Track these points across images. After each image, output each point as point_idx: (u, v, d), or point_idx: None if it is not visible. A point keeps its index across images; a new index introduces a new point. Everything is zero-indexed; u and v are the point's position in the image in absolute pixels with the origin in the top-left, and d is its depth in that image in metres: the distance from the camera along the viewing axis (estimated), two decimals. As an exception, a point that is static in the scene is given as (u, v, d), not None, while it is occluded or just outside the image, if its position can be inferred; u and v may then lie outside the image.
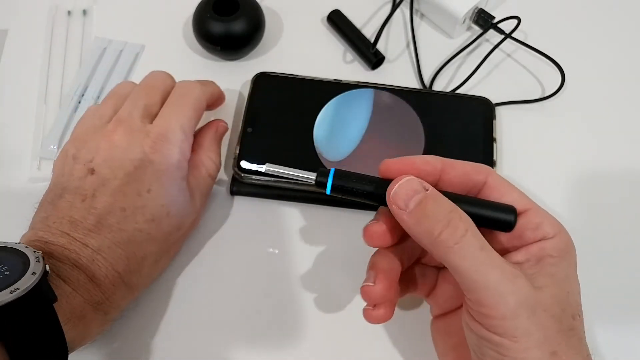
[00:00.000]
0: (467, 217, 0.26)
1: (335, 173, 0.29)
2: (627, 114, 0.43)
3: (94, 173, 0.32)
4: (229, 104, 0.43)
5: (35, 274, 0.26)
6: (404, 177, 0.27)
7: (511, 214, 0.27)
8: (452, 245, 0.25)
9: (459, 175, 0.29)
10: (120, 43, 0.46)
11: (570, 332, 0.26)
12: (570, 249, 0.28)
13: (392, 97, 0.41)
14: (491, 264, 0.25)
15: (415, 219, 0.26)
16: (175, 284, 0.37)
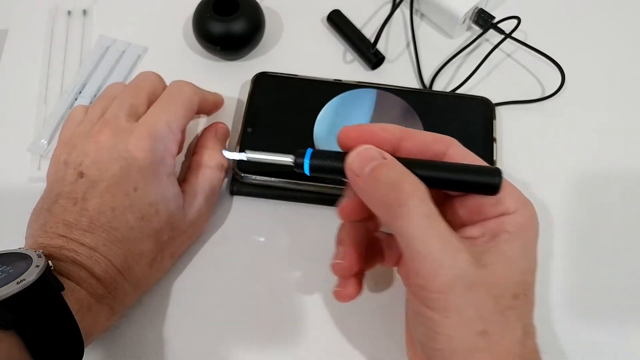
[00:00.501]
0: (418, 183, 0.26)
1: (312, 153, 0.29)
2: (627, 114, 0.43)
3: (83, 176, 0.32)
4: (229, 103, 0.43)
5: (39, 266, 0.27)
6: (363, 146, 0.27)
7: (497, 176, 0.26)
8: (396, 209, 0.25)
9: (417, 145, 0.28)
10: (124, 43, 0.46)
11: (507, 312, 0.26)
12: (530, 226, 0.27)
13: (392, 97, 0.41)
14: (433, 234, 0.25)
15: (367, 185, 0.26)
16: (175, 284, 0.37)
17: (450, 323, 0.25)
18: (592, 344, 0.35)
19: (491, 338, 0.25)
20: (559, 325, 0.35)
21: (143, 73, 0.38)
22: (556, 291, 0.36)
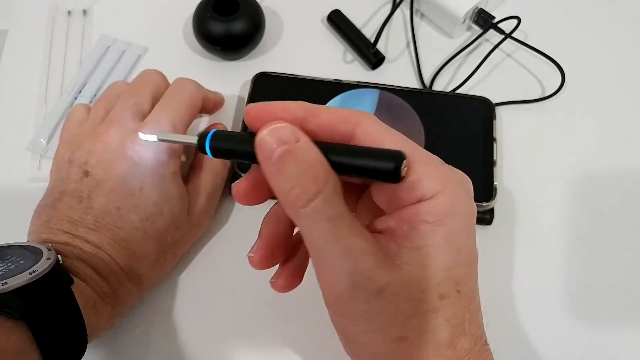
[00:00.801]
0: (326, 178, 0.22)
1: (214, 134, 0.26)
2: (627, 114, 0.43)
3: (88, 175, 0.32)
4: (229, 103, 0.43)
5: (50, 259, 0.27)
6: (275, 123, 0.23)
7: (392, 161, 0.22)
8: (298, 208, 0.22)
9: (322, 125, 0.24)
10: (124, 43, 0.46)
11: (430, 315, 0.23)
12: (456, 212, 0.23)
13: (392, 97, 0.41)
14: (335, 237, 0.22)
15: (273, 172, 0.23)
16: (176, 284, 0.37)
17: (360, 329, 0.23)
18: (593, 344, 0.35)
19: (411, 344, 0.23)
20: (559, 325, 0.35)
21: (146, 71, 0.38)
22: (556, 291, 0.36)
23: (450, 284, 0.23)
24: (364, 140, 0.24)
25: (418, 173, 0.23)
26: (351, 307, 0.23)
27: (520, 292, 0.36)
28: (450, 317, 0.23)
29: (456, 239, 0.23)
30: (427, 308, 0.23)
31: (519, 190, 0.40)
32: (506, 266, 0.37)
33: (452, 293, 0.23)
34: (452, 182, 0.23)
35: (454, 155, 0.39)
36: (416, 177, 0.23)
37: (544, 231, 0.38)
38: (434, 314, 0.23)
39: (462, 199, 0.23)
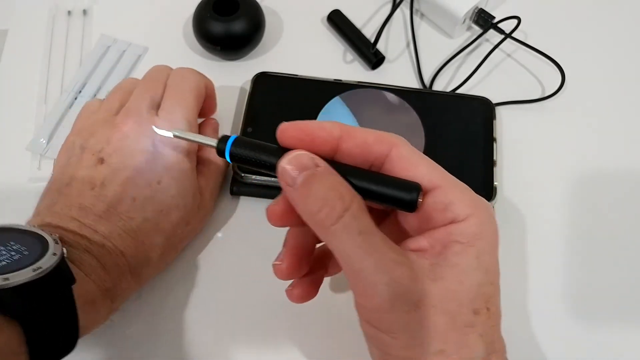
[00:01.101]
0: (351, 196, 0.24)
1: (235, 140, 0.26)
2: (627, 114, 0.43)
3: (103, 162, 0.32)
4: (229, 103, 0.43)
5: (55, 254, 0.26)
6: (294, 152, 0.24)
7: (413, 192, 0.24)
8: (328, 226, 0.23)
9: (358, 145, 0.25)
10: (124, 43, 0.46)
11: (466, 329, 0.24)
12: (484, 234, 0.25)
13: (392, 97, 0.41)
14: (368, 250, 0.23)
15: (299, 197, 0.24)
16: (176, 284, 0.37)
17: (400, 344, 0.24)
18: (593, 344, 0.35)
19: (449, 358, 0.23)
20: (559, 324, 0.35)
21: (157, 67, 0.38)
22: (556, 291, 0.36)
23: (481, 300, 0.24)
24: (399, 162, 0.25)
25: (451, 197, 0.24)
26: (392, 320, 0.23)
27: (520, 292, 0.36)
28: (483, 334, 0.24)
29: (485, 259, 0.25)
30: (463, 322, 0.24)
31: (519, 190, 0.40)
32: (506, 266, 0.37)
33: (483, 310, 0.24)
34: (480, 207, 0.25)
35: (454, 155, 0.39)
36: (449, 200, 0.24)
37: (544, 231, 0.38)
38: (470, 328, 0.24)
39: (489, 223, 0.25)
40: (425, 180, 0.25)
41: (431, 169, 0.25)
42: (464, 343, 0.24)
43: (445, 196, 0.24)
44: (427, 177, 0.25)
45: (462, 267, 0.24)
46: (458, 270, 0.24)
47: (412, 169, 0.25)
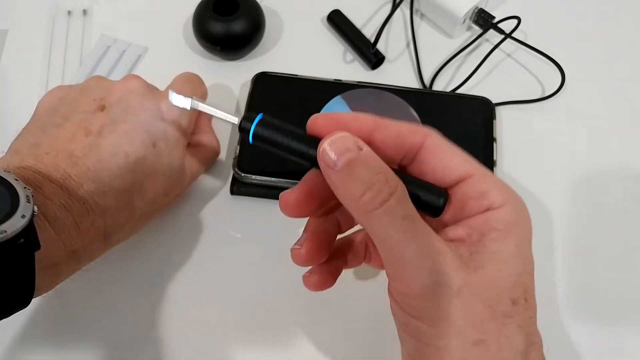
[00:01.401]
0: (396, 181, 0.23)
1: (261, 119, 0.25)
2: (627, 114, 0.43)
3: (103, 110, 0.31)
4: (229, 103, 0.43)
5: (24, 217, 0.23)
6: (338, 133, 0.24)
7: (441, 198, 0.24)
8: (371, 210, 0.22)
9: (391, 136, 0.25)
10: (124, 43, 0.46)
11: (505, 320, 0.23)
12: (521, 221, 0.24)
13: (392, 97, 0.41)
14: (411, 235, 0.23)
15: (341, 179, 0.23)
16: (175, 284, 0.37)
17: (439, 333, 0.23)
18: (593, 344, 0.35)
19: (489, 349, 0.23)
20: (559, 324, 0.35)
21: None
22: (557, 291, 0.36)
23: (520, 290, 0.24)
24: (433, 151, 0.25)
25: (486, 184, 0.24)
26: (431, 308, 0.23)
27: (520, 292, 0.36)
28: (522, 324, 0.24)
29: (524, 247, 0.24)
30: (502, 311, 0.23)
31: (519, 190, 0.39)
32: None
33: (521, 300, 0.24)
34: (514, 195, 0.25)
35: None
36: (485, 187, 0.24)
37: (544, 231, 0.38)
38: (508, 318, 0.23)
39: (524, 212, 0.25)
40: (461, 169, 0.25)
41: (465, 159, 0.25)
42: (503, 334, 0.23)
43: (481, 184, 0.24)
44: (462, 166, 0.25)
45: (502, 255, 0.24)
46: (498, 258, 0.23)
47: (447, 158, 0.25)
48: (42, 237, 0.25)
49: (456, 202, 0.25)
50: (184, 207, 0.39)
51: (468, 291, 0.23)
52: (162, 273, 0.37)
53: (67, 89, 0.33)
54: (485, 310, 0.23)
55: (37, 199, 0.26)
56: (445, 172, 0.25)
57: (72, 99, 0.32)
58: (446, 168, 0.25)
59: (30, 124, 0.31)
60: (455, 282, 0.23)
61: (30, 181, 0.27)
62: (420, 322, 0.23)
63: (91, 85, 0.33)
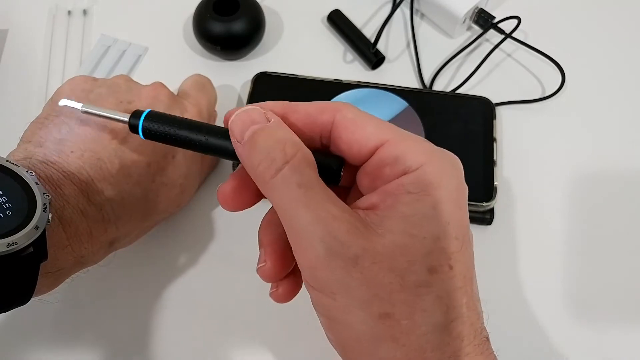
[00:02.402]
0: (295, 150, 0.22)
1: (149, 114, 0.25)
2: (627, 114, 0.43)
3: None
4: (229, 103, 0.43)
5: (38, 228, 0.23)
6: (247, 106, 0.24)
7: (334, 164, 0.24)
8: (268, 179, 0.22)
9: (302, 119, 0.24)
10: (125, 43, 0.46)
11: (419, 290, 0.21)
12: (443, 183, 0.22)
13: (392, 97, 0.41)
14: (305, 203, 0.21)
15: (245, 152, 0.23)
16: (176, 284, 0.37)
17: (341, 305, 0.21)
18: (593, 344, 0.35)
19: (398, 323, 0.21)
20: (559, 324, 0.35)
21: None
22: (556, 291, 0.36)
23: (440, 257, 0.21)
24: (344, 126, 0.24)
25: (402, 148, 0.22)
26: (329, 278, 0.21)
27: (520, 292, 0.36)
28: (443, 295, 0.21)
29: (445, 209, 0.22)
30: (415, 281, 0.21)
31: (519, 190, 0.40)
32: (506, 266, 0.37)
33: (444, 268, 0.21)
34: (437, 155, 0.23)
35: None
36: (400, 151, 0.22)
37: (544, 231, 0.38)
38: (424, 288, 0.21)
39: (449, 171, 0.23)
40: (375, 137, 0.23)
41: (379, 126, 0.23)
42: (417, 306, 0.21)
43: (395, 148, 0.23)
44: (375, 134, 0.23)
45: (415, 218, 0.21)
46: (409, 221, 0.21)
47: (359, 130, 0.23)
48: (52, 242, 0.25)
49: (373, 170, 0.23)
50: (185, 208, 0.39)
51: (369, 259, 0.21)
52: (163, 273, 0.37)
53: (91, 82, 0.32)
54: (393, 279, 0.21)
55: (55, 202, 0.26)
56: (360, 144, 0.23)
57: (97, 95, 0.31)
58: (359, 140, 0.23)
59: (51, 112, 0.30)
60: (351, 249, 0.21)
61: (52, 180, 0.27)
62: (323, 295, 0.22)
63: (119, 84, 0.33)
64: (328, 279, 0.21)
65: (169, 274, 0.37)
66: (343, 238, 0.21)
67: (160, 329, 0.35)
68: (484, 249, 0.38)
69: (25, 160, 0.28)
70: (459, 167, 0.23)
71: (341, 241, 0.21)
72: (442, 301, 0.21)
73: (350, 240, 0.21)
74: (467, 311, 0.22)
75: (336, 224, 0.21)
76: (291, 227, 0.22)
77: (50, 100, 0.32)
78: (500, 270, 0.37)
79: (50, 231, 0.25)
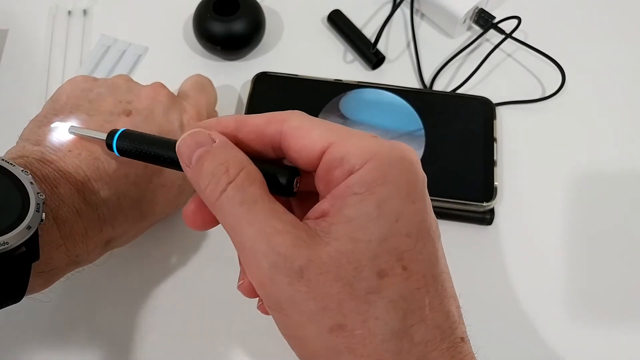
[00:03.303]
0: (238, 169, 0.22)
1: (122, 133, 0.26)
2: (627, 114, 0.43)
3: (129, 115, 0.31)
4: (229, 103, 0.43)
5: (30, 228, 0.23)
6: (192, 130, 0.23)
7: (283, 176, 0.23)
8: (214, 202, 0.22)
9: (252, 131, 0.24)
10: (125, 43, 0.46)
11: (370, 297, 0.20)
12: (388, 178, 0.21)
13: (392, 97, 0.41)
14: (249, 220, 0.21)
15: (193, 177, 0.23)
16: (170, 284, 0.37)
17: (293, 322, 0.21)
18: (593, 344, 0.35)
19: (352, 334, 0.20)
20: (559, 324, 0.35)
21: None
22: (556, 291, 0.36)
23: (390, 258, 0.20)
24: (291, 135, 0.23)
25: (347, 148, 0.22)
26: (277, 294, 0.21)
27: (520, 292, 0.36)
28: (398, 299, 0.20)
29: (392, 206, 0.21)
30: (364, 287, 0.20)
31: (519, 190, 0.40)
32: (506, 266, 0.37)
33: (395, 270, 0.20)
34: (383, 149, 0.22)
35: (454, 155, 0.39)
36: (345, 151, 0.21)
37: (544, 231, 0.38)
38: (374, 295, 0.20)
39: (395, 165, 0.21)
40: (320, 141, 0.22)
41: (325, 130, 0.22)
42: (370, 314, 0.20)
43: (340, 149, 0.22)
44: (321, 138, 0.22)
45: (359, 221, 0.20)
46: (353, 225, 0.20)
47: (305, 136, 0.22)
48: (46, 241, 0.25)
49: (324, 175, 0.22)
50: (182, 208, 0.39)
51: (315, 270, 0.20)
52: (159, 273, 0.37)
53: (91, 82, 0.33)
54: (341, 288, 0.20)
55: (51, 201, 0.26)
56: (308, 150, 0.23)
57: (97, 94, 0.31)
58: (306, 146, 0.22)
59: (50, 111, 0.31)
60: (295, 261, 0.20)
61: (49, 179, 0.27)
62: (276, 313, 0.21)
63: (119, 84, 0.33)
64: (276, 295, 0.21)
65: (165, 273, 0.37)
66: (286, 251, 0.20)
67: (155, 328, 0.35)
68: (484, 249, 0.38)
69: (21, 159, 0.28)
70: (411, 158, 0.22)
71: (285, 255, 0.20)
72: (396, 305, 0.20)
73: (295, 253, 0.20)
74: (430, 313, 0.21)
75: (279, 237, 0.20)
76: (238, 245, 0.22)
77: (49, 99, 0.32)
78: (499, 269, 0.37)
79: (45, 230, 0.25)
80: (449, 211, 0.38)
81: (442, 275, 0.22)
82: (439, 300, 0.21)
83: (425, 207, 0.22)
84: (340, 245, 0.20)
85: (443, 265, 0.22)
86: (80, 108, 0.31)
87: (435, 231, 0.22)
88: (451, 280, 0.23)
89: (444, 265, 0.22)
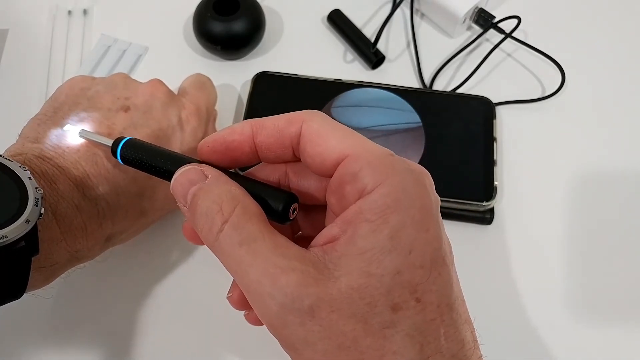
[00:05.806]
0: (232, 206, 0.21)
1: (128, 142, 0.26)
2: (627, 113, 0.43)
3: (127, 111, 0.31)
4: (229, 103, 0.43)
5: (29, 222, 0.23)
6: (184, 168, 0.23)
7: (279, 203, 0.22)
8: (212, 242, 0.21)
9: (271, 134, 0.23)
10: (125, 43, 0.46)
11: (386, 332, 0.19)
12: (401, 205, 0.20)
13: (392, 97, 0.41)
14: (251, 261, 0.20)
15: (190, 216, 0.22)
16: (171, 281, 0.37)
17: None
18: (593, 344, 0.35)
19: None
20: (559, 324, 0.35)
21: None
22: (556, 290, 0.36)
23: (403, 291, 0.20)
24: (309, 138, 0.22)
25: (360, 163, 0.20)
26: (289, 335, 0.20)
27: (520, 292, 0.36)
28: (414, 333, 0.20)
29: (405, 236, 0.20)
30: (379, 322, 0.19)
31: (519, 190, 0.40)
32: (506, 266, 0.37)
33: (409, 303, 0.20)
34: (397, 170, 0.20)
35: (454, 155, 0.39)
36: (358, 167, 0.20)
37: (544, 230, 0.38)
38: (390, 329, 0.19)
39: (410, 189, 0.20)
40: (336, 151, 0.21)
41: (342, 139, 0.21)
42: (387, 349, 0.19)
43: (354, 164, 0.21)
44: (337, 148, 0.21)
45: (371, 254, 0.19)
46: (366, 258, 0.19)
47: (323, 142, 0.21)
48: (46, 236, 0.25)
49: (337, 189, 0.21)
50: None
51: (326, 308, 0.19)
52: (160, 270, 0.37)
53: (90, 81, 0.33)
54: (355, 325, 0.19)
55: (50, 196, 0.26)
56: (322, 159, 0.22)
57: (95, 92, 0.31)
58: (322, 154, 0.21)
59: (49, 109, 0.31)
60: (305, 302, 0.19)
61: (47, 175, 0.27)
62: (291, 352, 0.21)
63: (117, 82, 0.33)
64: (289, 336, 0.20)
65: (166, 272, 0.37)
66: (294, 291, 0.19)
67: (156, 326, 0.35)
68: (484, 249, 0.38)
69: (20, 156, 0.28)
70: (425, 182, 0.21)
71: (292, 295, 0.19)
72: (413, 339, 0.20)
73: (303, 292, 0.19)
74: (445, 343, 0.20)
75: (285, 277, 0.19)
76: (242, 286, 0.21)
77: (50, 98, 0.32)
78: (499, 269, 0.37)
79: (44, 226, 0.25)
80: (449, 211, 0.38)
81: (457, 302, 0.21)
82: (454, 329, 0.21)
83: (439, 233, 0.21)
84: (351, 280, 0.19)
85: (457, 291, 0.22)
86: (79, 106, 0.31)
87: (449, 257, 0.22)
88: (465, 303, 0.22)
89: (458, 291, 0.22)
